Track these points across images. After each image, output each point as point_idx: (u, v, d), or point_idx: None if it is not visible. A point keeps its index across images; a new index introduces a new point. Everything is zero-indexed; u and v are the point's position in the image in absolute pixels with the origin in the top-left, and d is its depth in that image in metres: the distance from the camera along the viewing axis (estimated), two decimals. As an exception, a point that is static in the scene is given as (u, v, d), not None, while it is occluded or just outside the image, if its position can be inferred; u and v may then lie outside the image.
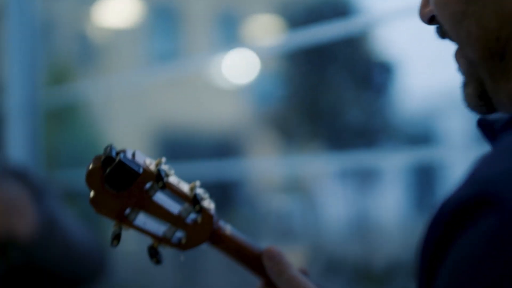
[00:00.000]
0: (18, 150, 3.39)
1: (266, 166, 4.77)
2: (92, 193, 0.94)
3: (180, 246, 0.99)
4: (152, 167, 0.94)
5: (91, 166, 0.93)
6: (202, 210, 0.97)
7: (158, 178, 0.93)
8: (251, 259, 1.00)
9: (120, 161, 0.91)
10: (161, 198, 0.97)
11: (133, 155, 0.94)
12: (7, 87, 3.52)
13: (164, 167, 0.95)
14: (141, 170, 0.92)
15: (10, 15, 3.41)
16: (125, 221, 0.96)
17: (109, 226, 0.96)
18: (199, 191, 0.97)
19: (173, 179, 0.96)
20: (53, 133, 3.78)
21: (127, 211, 0.95)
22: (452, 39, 0.84)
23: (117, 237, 0.96)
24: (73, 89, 3.68)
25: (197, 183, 0.98)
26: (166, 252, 0.99)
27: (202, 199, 0.97)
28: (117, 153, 0.93)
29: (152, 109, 13.97)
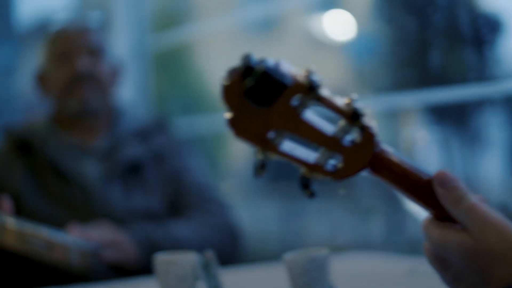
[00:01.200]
0: (129, 95, 3.33)
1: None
2: (230, 113, 0.79)
3: (335, 174, 0.82)
4: (302, 77, 0.78)
5: (227, 81, 0.78)
6: (363, 128, 0.80)
7: (310, 90, 0.77)
8: (419, 187, 0.83)
9: (264, 71, 0.75)
10: (310, 116, 0.80)
11: (277, 64, 0.78)
12: (116, 33, 3.47)
13: (316, 77, 0.78)
14: (289, 81, 0.76)
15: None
16: (269, 146, 0.80)
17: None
18: (359, 105, 0.80)
19: (326, 92, 0.80)
20: (162, 79, 3.69)
21: (271, 134, 0.80)
22: None
23: (262, 166, 0.80)
24: (180, 33, 3.58)
25: (354, 95, 0.81)
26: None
27: (362, 115, 0.80)
28: (259, 63, 0.77)
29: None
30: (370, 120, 0.81)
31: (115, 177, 2.06)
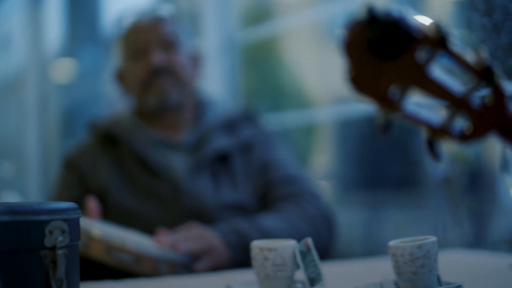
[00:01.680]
0: (218, 89, 3.34)
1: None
2: (351, 67, 0.73)
3: (462, 137, 0.76)
4: (431, 29, 0.72)
5: (349, 33, 0.72)
6: (495, 88, 0.73)
7: (440, 42, 0.71)
8: None
9: (392, 21, 0.70)
10: (437, 72, 0.74)
11: (404, 15, 0.72)
12: (205, 28, 3.48)
13: (447, 29, 0.72)
14: (418, 33, 0.70)
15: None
16: (392, 105, 0.74)
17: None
18: (491, 63, 0.73)
19: (455, 46, 0.73)
20: (250, 74, 3.69)
21: (394, 91, 0.74)
22: None
23: (387, 127, 0.74)
24: (267, 28, 3.57)
25: (483, 51, 0.74)
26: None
27: (494, 73, 0.73)
28: (384, 13, 0.71)
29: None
30: (501, 80, 0.74)
31: (203, 170, 2.02)
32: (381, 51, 0.71)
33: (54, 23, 6.49)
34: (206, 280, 1.56)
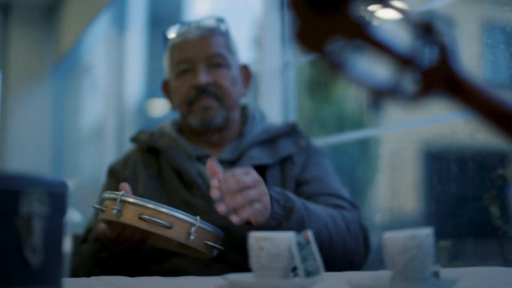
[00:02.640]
0: (272, 111, 3.37)
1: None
2: (296, 22, 0.73)
3: (409, 97, 0.74)
4: None
5: None
6: (440, 45, 0.72)
7: None
8: (504, 116, 0.73)
9: None
10: (378, 31, 0.73)
11: None
12: (264, 53, 3.52)
13: None
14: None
15: None
16: (334, 63, 0.73)
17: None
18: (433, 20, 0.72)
19: (397, 1, 0.72)
20: (303, 97, 3.70)
21: (336, 46, 0.73)
22: None
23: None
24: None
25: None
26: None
27: (438, 29, 0.71)
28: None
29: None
30: (446, 37, 0.72)
31: None
32: (321, 4, 0.71)
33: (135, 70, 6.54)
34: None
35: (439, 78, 0.73)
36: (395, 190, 2.98)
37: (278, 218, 1.67)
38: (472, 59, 2.54)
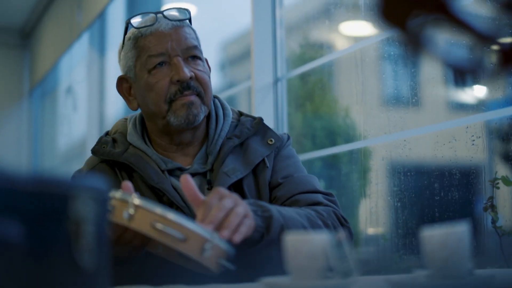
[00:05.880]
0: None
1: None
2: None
3: (488, 74, 0.76)
4: None
5: None
6: None
7: None
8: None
9: None
10: (460, 8, 0.74)
11: None
12: (255, 72, 3.56)
13: None
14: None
15: None
16: (417, 39, 0.75)
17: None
18: None
19: None
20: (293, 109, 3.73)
21: (420, 23, 0.75)
22: None
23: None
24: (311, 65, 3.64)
25: None
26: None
27: None
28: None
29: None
30: None
31: None
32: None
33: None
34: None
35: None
36: (392, 200, 3.00)
37: (260, 230, 1.62)
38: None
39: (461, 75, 0.75)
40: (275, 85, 3.60)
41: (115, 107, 6.47)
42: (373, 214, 3.14)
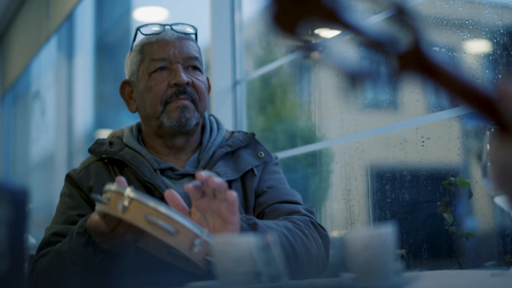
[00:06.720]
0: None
1: None
2: (274, 6, 0.75)
3: (382, 80, 0.76)
4: None
5: None
6: (411, 27, 0.74)
7: None
8: (477, 98, 0.75)
9: None
10: (351, 15, 0.74)
11: None
12: (214, 75, 3.55)
13: None
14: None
15: None
16: (310, 44, 0.75)
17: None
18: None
19: None
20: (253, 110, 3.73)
21: (313, 28, 0.75)
22: None
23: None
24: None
25: None
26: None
27: (410, 13, 0.73)
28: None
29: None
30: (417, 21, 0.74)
31: None
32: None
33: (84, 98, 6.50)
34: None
35: (412, 60, 0.75)
36: (348, 202, 3.00)
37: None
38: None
39: (353, 81, 0.75)
40: (233, 88, 3.58)
41: (84, 112, 6.43)
42: (328, 217, 3.15)
